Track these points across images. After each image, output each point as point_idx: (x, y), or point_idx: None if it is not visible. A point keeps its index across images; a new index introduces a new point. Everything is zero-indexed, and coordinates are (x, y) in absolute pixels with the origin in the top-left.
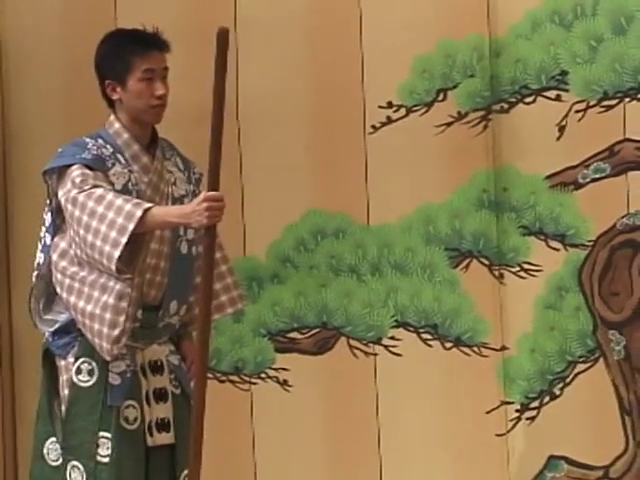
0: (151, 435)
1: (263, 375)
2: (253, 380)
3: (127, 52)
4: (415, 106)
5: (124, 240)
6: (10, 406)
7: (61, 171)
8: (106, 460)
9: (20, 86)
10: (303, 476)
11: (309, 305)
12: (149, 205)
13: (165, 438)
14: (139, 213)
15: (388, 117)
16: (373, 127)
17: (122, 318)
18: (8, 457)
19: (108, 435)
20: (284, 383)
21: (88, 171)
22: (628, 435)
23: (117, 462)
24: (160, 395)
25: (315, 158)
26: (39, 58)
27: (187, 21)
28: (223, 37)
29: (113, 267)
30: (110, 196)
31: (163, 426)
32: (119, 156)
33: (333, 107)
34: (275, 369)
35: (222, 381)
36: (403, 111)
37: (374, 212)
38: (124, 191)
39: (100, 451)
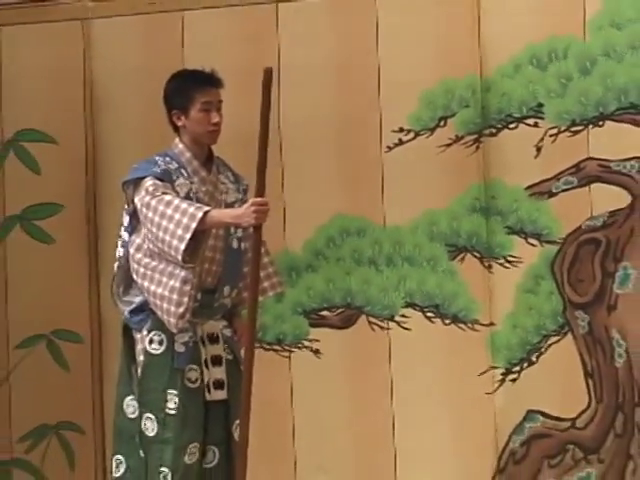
0: (209, 392)
1: (299, 345)
2: (292, 349)
3: (190, 88)
4: (421, 131)
5: (188, 236)
6: (98, 370)
7: (136, 182)
8: (173, 412)
9: (107, 114)
10: (331, 424)
11: (336, 289)
12: (208, 208)
13: (220, 394)
14: (200, 214)
15: (400, 139)
16: (388, 147)
17: (186, 298)
18: (97, 410)
19: (175, 392)
20: (316, 351)
21: (158, 182)
22: (591, 394)
23: (182, 413)
24: (216, 360)
25: (341, 172)
26: (122, 93)
27: (239, 64)
28: (268, 74)
29: (180, 257)
30: (177, 201)
31: (218, 385)
32: (182, 171)
33: (356, 131)
34: (309, 340)
35: (267, 349)
36: (412, 135)
37: (388, 216)
38: (186, 198)
39: (168, 405)
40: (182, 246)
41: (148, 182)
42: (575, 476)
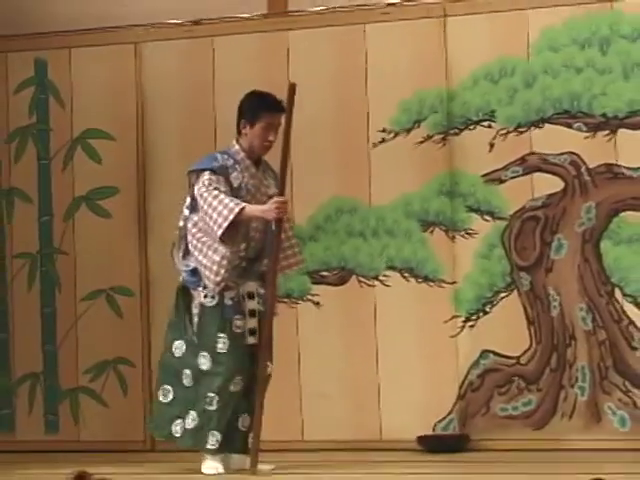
0: (247, 337)
1: (304, 298)
2: (298, 302)
3: (260, 108)
4: (400, 131)
5: (226, 224)
6: (146, 317)
7: (198, 173)
8: (223, 351)
9: (154, 118)
10: (329, 358)
11: (333, 255)
12: (243, 205)
13: (252, 340)
14: (237, 209)
15: (383, 138)
16: (374, 144)
17: (222, 270)
18: (145, 349)
19: (224, 335)
20: (317, 304)
21: (214, 176)
22: (532, 337)
23: (230, 352)
24: (251, 313)
25: (337, 164)
26: (166, 103)
27: (257, 80)
28: (292, 89)
29: (218, 239)
30: (222, 196)
31: (252, 332)
32: (237, 166)
33: (350, 131)
34: (312, 295)
35: (279, 302)
36: (392, 134)
37: (374, 198)
38: (238, 188)
39: (219, 345)
40: (219, 232)
41: (206, 175)
42: (519, 402)
